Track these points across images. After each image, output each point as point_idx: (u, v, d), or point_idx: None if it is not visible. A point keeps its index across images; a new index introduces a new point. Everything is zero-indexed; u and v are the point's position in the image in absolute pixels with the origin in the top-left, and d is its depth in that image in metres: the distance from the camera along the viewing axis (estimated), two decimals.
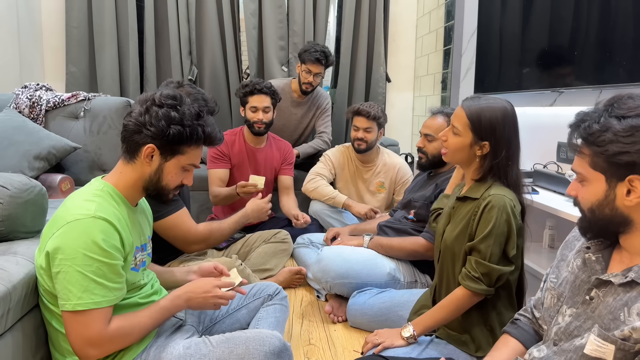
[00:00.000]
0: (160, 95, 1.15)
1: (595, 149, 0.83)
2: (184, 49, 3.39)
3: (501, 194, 1.29)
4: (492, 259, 1.28)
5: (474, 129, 1.31)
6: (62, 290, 1.04)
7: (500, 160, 1.30)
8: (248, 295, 1.52)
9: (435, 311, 1.38)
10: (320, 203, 2.57)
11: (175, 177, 1.20)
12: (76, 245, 1.02)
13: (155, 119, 1.12)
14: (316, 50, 2.73)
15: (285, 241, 2.34)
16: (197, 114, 1.16)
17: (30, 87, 2.73)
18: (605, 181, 0.84)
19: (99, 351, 1.07)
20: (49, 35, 3.39)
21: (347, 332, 1.87)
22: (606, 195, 0.85)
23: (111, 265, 1.06)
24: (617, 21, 1.67)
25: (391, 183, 2.61)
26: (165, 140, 1.13)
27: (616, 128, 0.81)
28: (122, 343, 1.11)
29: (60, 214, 1.09)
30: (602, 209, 0.86)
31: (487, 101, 1.33)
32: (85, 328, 1.04)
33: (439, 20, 3.29)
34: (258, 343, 1.14)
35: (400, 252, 1.94)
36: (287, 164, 2.68)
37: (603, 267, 0.90)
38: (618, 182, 0.83)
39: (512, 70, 2.32)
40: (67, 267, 1.02)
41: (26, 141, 2.31)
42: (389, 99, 3.75)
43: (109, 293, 1.06)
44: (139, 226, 1.22)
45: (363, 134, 2.47)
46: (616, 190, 0.83)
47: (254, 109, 2.45)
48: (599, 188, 0.85)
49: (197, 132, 1.16)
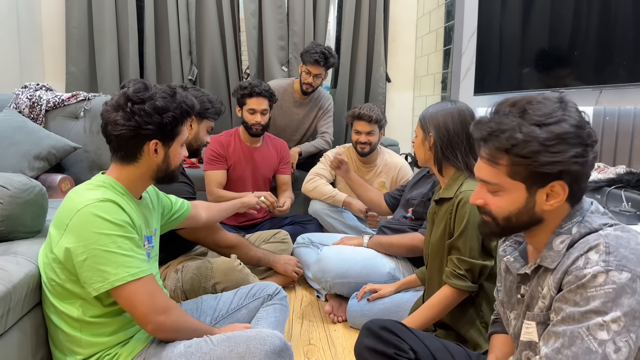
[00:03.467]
0: (132, 93, 1.13)
1: (519, 160, 0.81)
2: (184, 49, 3.39)
3: (472, 189, 1.32)
4: (472, 254, 1.32)
5: (422, 126, 1.47)
6: (94, 274, 1.05)
7: (447, 148, 1.39)
8: (248, 295, 1.53)
9: (423, 311, 1.40)
10: (320, 202, 2.56)
11: (180, 156, 1.24)
12: (93, 228, 1.05)
13: (147, 116, 1.12)
14: (316, 51, 2.72)
15: (285, 241, 2.34)
16: (173, 93, 1.17)
17: (30, 87, 2.73)
18: (526, 189, 0.83)
19: (164, 317, 1.10)
20: (49, 35, 3.39)
21: (347, 332, 1.87)
22: (526, 203, 0.84)
23: (131, 238, 1.09)
24: (617, 21, 1.67)
25: (392, 183, 2.60)
26: (165, 131, 1.15)
27: (542, 137, 0.79)
28: (179, 323, 1.14)
29: (68, 205, 1.10)
30: (521, 216, 0.86)
31: (440, 105, 1.46)
32: (140, 297, 1.07)
33: (439, 20, 3.29)
34: (259, 342, 1.13)
35: (400, 249, 1.94)
36: (285, 163, 2.71)
37: (523, 263, 0.93)
38: (539, 189, 0.83)
39: (512, 70, 2.32)
40: (92, 250, 1.04)
41: (26, 141, 2.30)
42: (389, 99, 3.75)
43: (142, 263, 1.09)
44: (143, 218, 1.23)
45: (366, 138, 2.45)
46: (536, 196, 0.83)
47: (252, 111, 2.45)
48: (519, 197, 0.84)
49: (183, 109, 1.18)
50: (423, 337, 1.16)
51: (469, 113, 1.44)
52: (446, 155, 1.41)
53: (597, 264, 0.75)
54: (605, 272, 0.74)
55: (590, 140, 0.80)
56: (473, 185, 1.35)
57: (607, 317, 0.72)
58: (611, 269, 0.74)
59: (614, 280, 0.73)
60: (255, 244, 2.31)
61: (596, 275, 0.74)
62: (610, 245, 0.77)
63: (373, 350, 1.13)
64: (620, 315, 0.72)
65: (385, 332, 1.14)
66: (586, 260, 0.77)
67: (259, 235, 2.36)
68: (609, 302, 0.73)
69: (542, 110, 0.81)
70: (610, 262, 0.75)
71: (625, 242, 0.77)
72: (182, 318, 1.17)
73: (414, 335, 1.16)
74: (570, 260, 0.80)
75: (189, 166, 2.99)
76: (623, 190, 1.42)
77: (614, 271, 0.74)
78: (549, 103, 0.81)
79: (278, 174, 2.70)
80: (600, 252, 0.76)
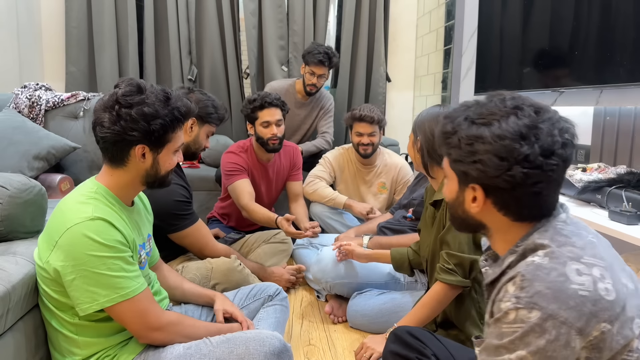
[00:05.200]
0: (122, 95, 1.09)
1: (445, 151, 0.82)
2: (184, 48, 3.38)
3: None
4: (462, 248, 1.32)
5: (413, 130, 1.49)
6: (82, 295, 1.04)
7: (433, 151, 1.40)
8: (248, 296, 1.53)
9: (417, 310, 1.40)
10: (321, 205, 2.55)
11: (171, 162, 1.20)
12: (82, 249, 1.03)
13: (133, 122, 1.08)
14: (319, 52, 2.71)
15: (285, 242, 2.33)
16: (166, 98, 1.13)
17: (29, 87, 2.73)
18: (458, 182, 0.84)
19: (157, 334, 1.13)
20: (49, 35, 3.38)
21: (347, 332, 1.87)
22: (457, 196, 0.85)
23: (122, 257, 1.07)
24: (617, 21, 1.67)
25: (392, 183, 2.60)
26: (152, 138, 1.12)
27: (462, 133, 0.78)
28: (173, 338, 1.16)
29: (58, 220, 1.08)
30: (456, 208, 0.87)
31: (429, 110, 1.47)
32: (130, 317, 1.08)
33: (439, 20, 3.29)
34: (258, 343, 1.13)
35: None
36: (296, 170, 2.56)
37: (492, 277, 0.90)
38: (465, 187, 0.82)
39: (512, 70, 2.32)
40: (82, 271, 1.03)
41: (25, 141, 2.30)
42: (389, 99, 3.74)
43: (132, 282, 1.08)
44: (136, 226, 1.21)
45: (368, 139, 2.43)
46: (465, 194, 0.83)
47: (267, 124, 2.26)
48: (453, 187, 0.85)
49: (175, 117, 1.14)
50: (450, 346, 1.15)
51: None
52: (433, 157, 1.41)
53: (509, 300, 0.72)
54: (515, 309, 0.70)
55: (519, 157, 0.73)
56: None
57: (513, 355, 0.70)
58: (520, 307, 0.70)
59: (522, 319, 0.69)
60: (255, 244, 2.30)
61: (507, 312, 0.71)
62: (525, 278, 0.72)
63: (397, 355, 1.15)
64: (526, 355, 0.68)
65: (410, 337, 1.15)
66: (505, 292, 0.74)
67: (258, 236, 2.35)
68: (516, 340, 0.70)
69: (485, 108, 0.78)
70: (521, 299, 0.70)
71: (545, 274, 0.71)
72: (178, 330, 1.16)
73: (441, 343, 1.15)
74: (496, 290, 0.78)
75: (189, 166, 2.98)
76: (624, 190, 1.42)
77: (524, 309, 0.69)
78: (499, 105, 0.77)
79: (289, 180, 2.55)
80: (516, 286, 0.72)
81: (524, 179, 0.74)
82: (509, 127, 0.74)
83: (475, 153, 0.76)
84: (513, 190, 0.76)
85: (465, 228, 0.90)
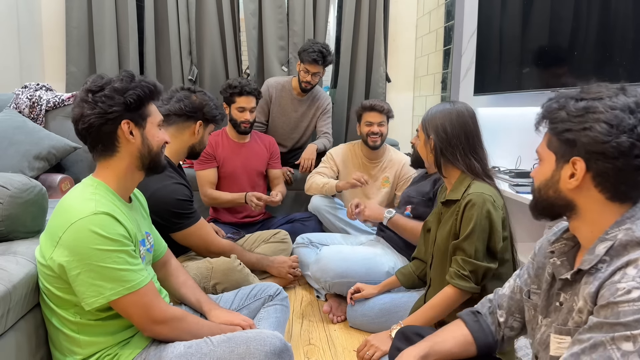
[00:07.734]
0: (90, 85, 1.15)
1: (550, 127, 0.86)
2: (184, 49, 3.38)
3: (479, 191, 1.33)
4: (478, 256, 1.33)
5: (423, 128, 1.47)
6: (88, 289, 1.05)
7: (446, 150, 1.40)
8: (249, 296, 1.53)
9: (425, 310, 1.41)
10: (319, 198, 2.55)
11: (158, 136, 1.22)
12: (87, 244, 1.04)
13: (109, 99, 1.12)
14: (314, 50, 2.72)
15: (285, 241, 2.35)
16: (131, 77, 1.18)
17: (30, 87, 2.73)
18: (555, 161, 0.86)
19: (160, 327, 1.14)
20: (49, 35, 3.39)
21: (347, 332, 1.87)
22: (552, 176, 0.87)
23: (126, 251, 1.08)
24: (617, 21, 1.67)
25: (395, 178, 2.60)
26: (132, 109, 1.15)
27: (570, 108, 0.83)
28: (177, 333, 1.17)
29: (61, 217, 1.08)
30: (547, 189, 0.88)
31: (439, 107, 1.46)
32: (135, 309, 1.10)
33: (439, 20, 3.29)
34: (259, 343, 1.14)
35: (413, 236, 1.91)
36: (275, 159, 2.78)
37: (569, 269, 0.90)
38: (564, 164, 0.84)
39: (512, 70, 2.32)
40: (87, 265, 1.04)
41: (26, 141, 2.30)
42: (389, 99, 3.74)
43: (136, 275, 1.09)
44: (135, 222, 1.22)
45: (378, 129, 2.46)
46: (562, 171, 0.85)
47: (242, 109, 2.51)
48: (548, 168, 0.87)
49: (144, 88, 1.18)
50: None
51: (469, 113, 1.43)
52: (446, 157, 1.41)
53: (633, 280, 0.73)
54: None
55: (628, 127, 0.77)
56: (480, 187, 1.35)
57: (636, 331, 0.70)
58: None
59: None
60: (254, 244, 2.31)
61: (630, 290, 0.72)
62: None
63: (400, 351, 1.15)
64: None
65: (417, 337, 1.15)
66: (623, 275, 0.75)
67: (258, 236, 2.36)
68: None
69: (592, 89, 0.84)
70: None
71: None
72: (182, 326, 1.17)
73: None
74: (607, 274, 0.78)
75: (189, 166, 2.99)
76: None
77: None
78: (604, 88, 0.83)
79: (270, 169, 2.75)
80: (639, 268, 0.74)
81: (630, 149, 0.78)
82: (618, 101, 0.80)
83: (586, 122, 0.80)
84: (616, 160, 0.79)
85: (549, 212, 0.91)
